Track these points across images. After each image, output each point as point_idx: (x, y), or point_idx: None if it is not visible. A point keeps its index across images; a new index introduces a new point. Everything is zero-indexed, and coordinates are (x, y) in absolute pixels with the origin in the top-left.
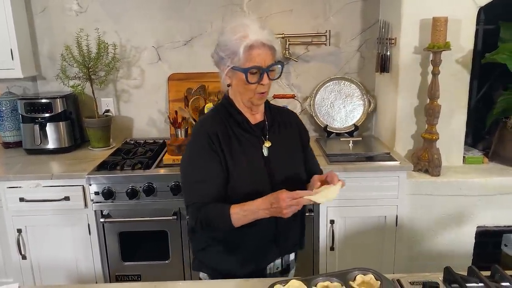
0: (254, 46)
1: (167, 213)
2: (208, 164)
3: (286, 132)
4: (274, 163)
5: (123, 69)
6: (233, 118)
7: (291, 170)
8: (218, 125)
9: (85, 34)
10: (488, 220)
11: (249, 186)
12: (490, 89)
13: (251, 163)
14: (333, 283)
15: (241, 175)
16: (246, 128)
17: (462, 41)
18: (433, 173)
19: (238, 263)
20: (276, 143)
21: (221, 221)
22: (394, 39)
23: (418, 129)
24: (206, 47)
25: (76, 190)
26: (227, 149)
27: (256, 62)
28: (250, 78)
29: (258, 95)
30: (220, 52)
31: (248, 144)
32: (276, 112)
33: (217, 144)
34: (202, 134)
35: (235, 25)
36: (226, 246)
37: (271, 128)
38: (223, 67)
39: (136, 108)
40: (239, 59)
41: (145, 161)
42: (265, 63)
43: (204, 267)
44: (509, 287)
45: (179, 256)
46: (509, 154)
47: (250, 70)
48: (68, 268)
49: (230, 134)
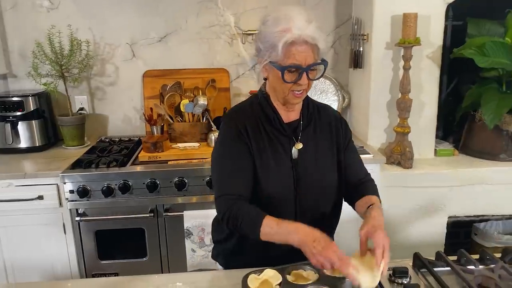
0: (295, 43)
1: (143, 210)
2: (238, 156)
3: (322, 135)
4: (302, 167)
5: (97, 67)
6: (265, 113)
7: (319, 176)
8: (248, 119)
9: (57, 31)
10: (458, 210)
11: (271, 188)
12: (459, 84)
13: (277, 164)
14: (307, 271)
15: (265, 175)
16: (277, 126)
17: (432, 37)
18: (406, 166)
19: (253, 259)
20: (309, 145)
21: (249, 227)
22: (367, 35)
23: (390, 123)
24: (181, 43)
25: (50, 189)
26: (256, 145)
27: (295, 60)
28: (287, 77)
29: (294, 93)
30: (259, 43)
31: (277, 144)
32: (316, 111)
33: (246, 136)
34: (232, 126)
35: (279, 16)
36: (245, 247)
37: (305, 129)
38: (261, 59)
39: (111, 106)
40: (277, 54)
41: (120, 158)
42: (306, 61)
43: (220, 258)
44: (474, 269)
45: (157, 254)
46: (478, 146)
47: (288, 68)
48: (44, 268)
49: (261, 130)
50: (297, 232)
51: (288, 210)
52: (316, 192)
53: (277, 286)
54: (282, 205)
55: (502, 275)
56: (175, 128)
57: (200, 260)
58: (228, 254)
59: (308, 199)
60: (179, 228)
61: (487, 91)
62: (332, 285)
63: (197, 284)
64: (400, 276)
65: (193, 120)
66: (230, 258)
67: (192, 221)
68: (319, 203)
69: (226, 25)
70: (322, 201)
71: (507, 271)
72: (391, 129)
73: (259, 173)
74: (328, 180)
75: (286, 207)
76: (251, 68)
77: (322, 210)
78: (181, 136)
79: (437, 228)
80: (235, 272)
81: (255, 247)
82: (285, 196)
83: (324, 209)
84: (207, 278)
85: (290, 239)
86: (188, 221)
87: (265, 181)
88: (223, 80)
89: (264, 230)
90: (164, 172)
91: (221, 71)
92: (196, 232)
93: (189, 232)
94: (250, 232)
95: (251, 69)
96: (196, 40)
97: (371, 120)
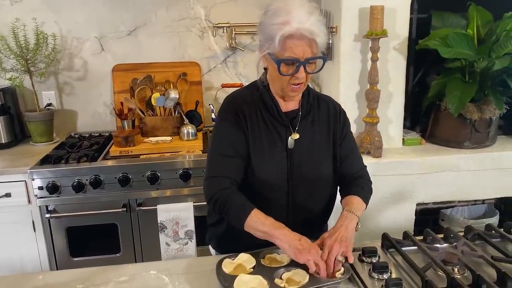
0: (292, 36)
1: (116, 205)
2: (233, 139)
3: (320, 126)
4: (296, 157)
5: (65, 61)
6: (264, 102)
7: (313, 168)
8: (247, 106)
9: (22, 24)
10: (426, 197)
11: (264, 176)
12: (425, 75)
13: (272, 153)
14: (280, 255)
15: (259, 162)
16: (275, 115)
17: (398, 29)
18: (375, 155)
19: (243, 246)
20: (305, 136)
21: (236, 214)
22: (336, 28)
23: (360, 113)
24: (151, 36)
25: (18, 185)
26: (252, 132)
27: (293, 53)
28: (283, 69)
29: (292, 87)
30: (260, 34)
31: (274, 132)
32: (316, 101)
33: (243, 123)
34: (230, 111)
35: (279, 7)
36: (235, 231)
37: (303, 119)
38: (261, 49)
39: (80, 101)
40: (274, 47)
41: (91, 153)
42: (304, 55)
43: (213, 241)
44: (438, 247)
45: (130, 249)
46: (443, 135)
47: (285, 61)
48: (13, 268)
49: (259, 117)
50: (283, 228)
51: (280, 199)
52: (310, 184)
53: (251, 269)
54: (274, 194)
55: (464, 251)
56: (147, 122)
57: (175, 254)
58: (220, 238)
59: (301, 190)
60: (152, 222)
61: (451, 81)
62: (304, 267)
63: (171, 271)
64: (369, 256)
65: (165, 114)
66: (221, 242)
67: (166, 215)
68: (312, 195)
69: (196, 18)
70: (315, 193)
71: (469, 247)
72: (361, 119)
73: (253, 160)
74: (322, 172)
75: (279, 196)
76: (223, 61)
77: (314, 202)
78: (153, 131)
79: (406, 215)
80: (210, 258)
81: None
82: (278, 186)
83: (317, 201)
84: (181, 265)
85: (276, 233)
86: (162, 215)
87: (258, 168)
88: (194, 74)
89: (250, 220)
90: (136, 166)
91: (192, 64)
92: (170, 226)
93: (163, 226)
94: (236, 219)
95: (223, 63)
96: (166, 34)
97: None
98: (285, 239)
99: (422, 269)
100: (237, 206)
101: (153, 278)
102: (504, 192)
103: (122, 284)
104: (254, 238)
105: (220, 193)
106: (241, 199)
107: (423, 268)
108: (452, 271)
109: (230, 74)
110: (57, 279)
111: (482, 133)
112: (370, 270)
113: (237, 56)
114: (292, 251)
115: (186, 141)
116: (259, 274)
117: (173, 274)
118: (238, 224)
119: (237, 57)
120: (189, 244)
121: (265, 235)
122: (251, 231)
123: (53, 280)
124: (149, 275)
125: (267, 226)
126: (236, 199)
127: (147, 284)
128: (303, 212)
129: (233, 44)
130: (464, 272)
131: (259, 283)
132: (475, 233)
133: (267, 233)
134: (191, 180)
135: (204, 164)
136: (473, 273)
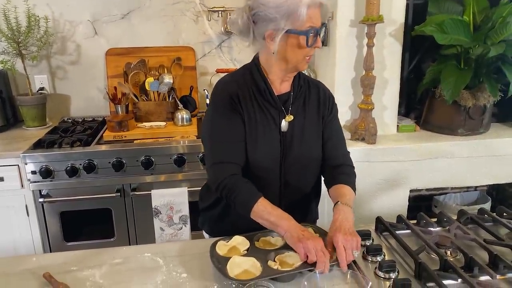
0: (311, 5)
1: (110, 190)
2: (232, 124)
3: (311, 108)
4: (289, 139)
5: (57, 44)
6: (257, 85)
7: (305, 149)
8: (240, 89)
9: (13, 6)
10: (420, 183)
11: (258, 159)
12: (420, 61)
13: (266, 136)
14: (274, 237)
15: (253, 145)
16: (268, 98)
17: (394, 15)
18: (369, 141)
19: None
20: (298, 118)
21: (243, 201)
22: (332, 13)
23: (355, 100)
24: (145, 20)
25: (10, 170)
26: (247, 115)
27: (312, 23)
28: (311, 40)
29: (306, 59)
30: (270, 13)
31: (268, 115)
32: (306, 84)
33: (239, 106)
34: (224, 95)
35: None
36: (230, 213)
37: (296, 102)
38: (271, 31)
39: (73, 85)
40: (298, 20)
41: (84, 138)
42: (319, 23)
43: (206, 225)
44: (432, 230)
45: (125, 234)
46: (438, 122)
47: (310, 32)
48: (6, 252)
49: (252, 100)
50: (289, 220)
51: (273, 181)
52: (302, 165)
53: (244, 251)
54: (268, 176)
55: (457, 234)
56: (141, 107)
57: (169, 239)
58: (213, 221)
59: (293, 171)
60: (147, 207)
61: (446, 68)
62: None
63: (166, 254)
64: (363, 239)
65: (159, 99)
66: (214, 225)
67: (161, 200)
68: (304, 176)
69: (191, 1)
70: (307, 174)
71: (462, 230)
72: (356, 106)
73: (248, 143)
74: (314, 153)
75: (272, 178)
76: (217, 46)
77: (306, 184)
78: (147, 115)
79: (399, 201)
80: (204, 241)
81: (240, 214)
82: (271, 168)
83: (308, 182)
84: (176, 248)
85: (280, 223)
86: (156, 200)
87: (252, 151)
88: (188, 59)
89: (257, 208)
90: (130, 151)
91: (187, 49)
92: (164, 211)
93: (157, 211)
94: (243, 207)
95: (217, 48)
96: (160, 18)
97: (337, 97)
98: (289, 229)
99: (416, 252)
100: (245, 194)
101: (148, 260)
102: (496, 179)
103: (116, 266)
104: (248, 223)
105: (228, 180)
106: (249, 187)
107: (416, 250)
108: (445, 253)
109: (225, 59)
110: (51, 261)
111: (476, 120)
112: (364, 252)
113: (232, 41)
114: (293, 239)
115: (180, 126)
116: (252, 256)
117: (167, 257)
118: (245, 211)
119: (232, 42)
120: (183, 229)
121: (271, 224)
122: (257, 219)
123: (46, 262)
124: (143, 257)
125: (273, 216)
126: (244, 186)
127: (141, 266)
128: (295, 193)
129: (228, 29)
130: (457, 255)
131: (252, 265)
132: (468, 217)
133: (273, 223)
134: (186, 165)
135: (199, 149)
136: (465, 255)
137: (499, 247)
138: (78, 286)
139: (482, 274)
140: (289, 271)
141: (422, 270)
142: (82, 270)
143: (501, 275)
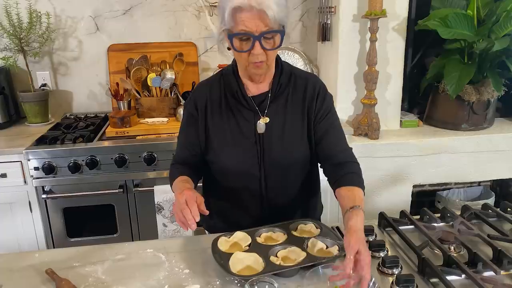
0: (242, 8)
1: (112, 186)
2: (187, 130)
3: (294, 108)
4: (267, 142)
5: (59, 41)
6: (230, 86)
7: (285, 152)
8: (211, 93)
9: (15, 2)
10: (423, 179)
11: (235, 166)
12: (423, 56)
13: (238, 140)
14: (276, 233)
15: (225, 151)
16: (239, 99)
17: (397, 9)
18: (372, 137)
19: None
20: (276, 119)
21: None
22: (334, 8)
23: (358, 95)
24: (147, 16)
25: (13, 166)
26: (212, 122)
27: (245, 27)
28: (238, 45)
29: (253, 64)
30: (217, 13)
31: (240, 118)
32: (292, 82)
33: (201, 113)
34: (191, 99)
35: None
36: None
37: (274, 102)
38: (220, 26)
39: (75, 82)
40: (226, 21)
41: (87, 134)
42: (257, 29)
43: (204, 223)
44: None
45: (127, 230)
46: (441, 117)
47: (238, 36)
48: (10, 248)
49: (222, 104)
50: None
51: (253, 187)
52: (283, 169)
53: (246, 247)
54: (246, 182)
55: (461, 230)
56: (143, 103)
57: (172, 235)
58: (207, 219)
59: (274, 176)
60: (149, 203)
61: (449, 62)
62: (299, 245)
63: (168, 250)
64: (366, 234)
65: (161, 95)
66: (210, 224)
67: (163, 196)
68: (286, 180)
69: None
70: (290, 177)
71: (465, 226)
72: (359, 101)
73: (217, 148)
74: (295, 156)
75: (251, 184)
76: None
77: (290, 187)
78: (149, 111)
79: (402, 197)
80: (206, 237)
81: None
82: (249, 173)
83: (292, 185)
84: (178, 244)
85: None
86: (159, 196)
87: (223, 156)
88: (190, 54)
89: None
90: (133, 147)
91: (189, 44)
92: (167, 207)
93: (160, 207)
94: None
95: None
96: (162, 13)
97: (339, 93)
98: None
99: (419, 247)
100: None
101: (150, 256)
102: (500, 174)
103: (119, 262)
104: (239, 219)
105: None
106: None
107: (419, 246)
108: (449, 249)
109: (227, 55)
110: (53, 257)
111: (479, 115)
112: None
113: None
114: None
115: None
116: (254, 251)
117: (169, 252)
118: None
119: None
120: None
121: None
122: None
123: (49, 258)
124: (145, 253)
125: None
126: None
127: (144, 262)
128: (279, 198)
129: None
130: (461, 250)
131: (254, 261)
132: (472, 212)
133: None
134: None
135: None
136: (469, 251)
137: (503, 243)
138: (80, 282)
139: (486, 269)
140: (291, 266)
141: (425, 266)
142: (85, 266)
143: (505, 270)
